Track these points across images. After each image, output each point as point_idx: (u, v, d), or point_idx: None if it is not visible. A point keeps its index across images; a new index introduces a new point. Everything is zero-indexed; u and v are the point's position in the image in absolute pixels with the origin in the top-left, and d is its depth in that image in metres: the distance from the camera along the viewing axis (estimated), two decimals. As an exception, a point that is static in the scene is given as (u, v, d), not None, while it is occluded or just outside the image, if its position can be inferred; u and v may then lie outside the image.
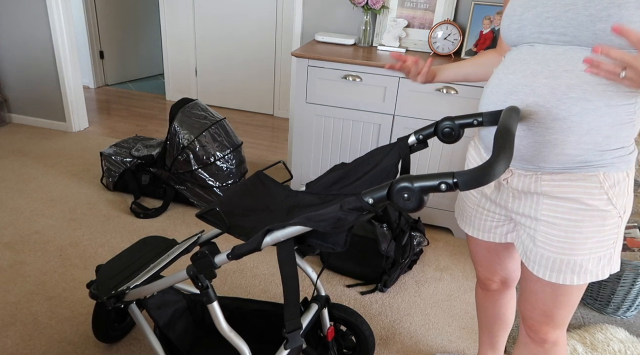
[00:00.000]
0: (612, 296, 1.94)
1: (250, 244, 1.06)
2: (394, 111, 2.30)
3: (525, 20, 1.00)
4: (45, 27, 3.25)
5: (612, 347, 1.76)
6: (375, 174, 1.21)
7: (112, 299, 1.34)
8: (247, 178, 1.37)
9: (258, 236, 1.04)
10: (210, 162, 2.48)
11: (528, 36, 1.00)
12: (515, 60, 1.03)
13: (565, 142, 0.96)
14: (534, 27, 0.98)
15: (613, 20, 0.87)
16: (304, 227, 0.98)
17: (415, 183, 0.79)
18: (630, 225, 2.02)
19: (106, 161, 2.68)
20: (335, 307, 1.52)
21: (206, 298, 1.16)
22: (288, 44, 3.92)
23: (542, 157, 1.00)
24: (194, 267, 1.14)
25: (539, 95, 0.96)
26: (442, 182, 0.78)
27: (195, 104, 2.61)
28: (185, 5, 4.05)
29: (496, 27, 2.43)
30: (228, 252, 1.11)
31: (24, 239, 2.25)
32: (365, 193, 0.85)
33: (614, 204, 1.00)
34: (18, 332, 1.72)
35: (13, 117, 3.65)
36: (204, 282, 1.14)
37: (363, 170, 1.23)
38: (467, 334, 1.86)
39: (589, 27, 0.90)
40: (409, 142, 1.19)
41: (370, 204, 0.84)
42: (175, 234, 2.37)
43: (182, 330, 1.50)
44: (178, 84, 4.39)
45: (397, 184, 0.80)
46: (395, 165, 1.19)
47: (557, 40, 0.96)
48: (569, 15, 0.92)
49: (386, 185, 0.82)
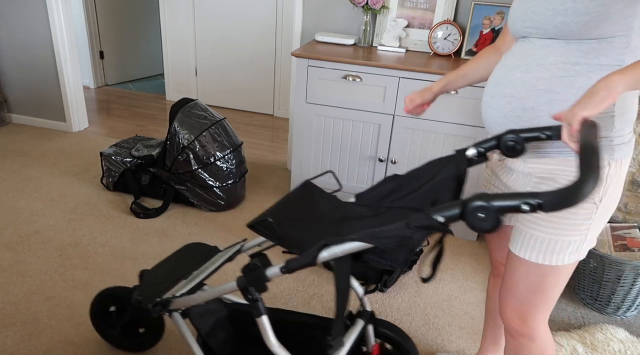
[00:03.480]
0: (612, 296, 1.94)
1: (305, 258, 1.00)
2: (394, 111, 2.30)
3: (516, 16, 1.08)
4: (45, 27, 3.25)
5: (612, 347, 1.76)
6: (430, 187, 1.15)
7: (157, 306, 1.31)
8: (295, 187, 1.32)
9: (313, 250, 0.99)
10: (210, 162, 2.48)
11: (519, 31, 1.08)
12: (507, 54, 1.13)
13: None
14: (521, 22, 1.07)
15: (570, 13, 0.95)
16: (365, 244, 0.92)
17: (493, 202, 0.74)
18: (630, 225, 2.02)
19: (106, 161, 2.68)
20: (381, 324, 1.45)
21: (256, 311, 1.11)
22: (288, 44, 3.92)
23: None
24: (245, 279, 1.09)
25: (513, 87, 1.06)
26: (525, 203, 0.72)
27: (195, 104, 2.61)
28: (185, 5, 4.05)
29: (496, 27, 2.43)
30: (282, 266, 1.05)
31: (24, 239, 2.25)
32: (435, 210, 0.80)
33: None
34: (18, 332, 1.72)
35: (13, 117, 3.65)
36: (254, 295, 1.09)
37: (417, 183, 1.18)
38: (467, 334, 1.86)
39: (551, 20, 0.98)
40: (468, 154, 1.12)
41: (440, 222, 0.80)
42: (175, 234, 2.37)
43: (223, 340, 1.47)
44: (178, 84, 4.39)
45: (473, 202, 0.75)
46: (453, 179, 1.12)
47: (536, 33, 1.03)
48: (540, 10, 1.01)
49: (459, 203, 0.78)
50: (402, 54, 2.46)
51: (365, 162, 2.45)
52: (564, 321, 1.94)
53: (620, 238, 1.99)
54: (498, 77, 1.11)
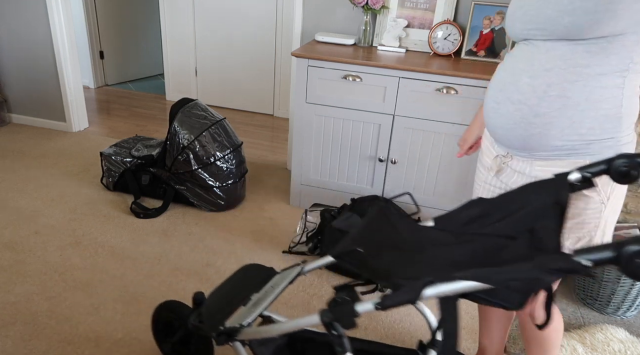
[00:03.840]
0: (612, 296, 1.94)
1: (405, 295, 0.89)
2: (394, 111, 2.30)
3: (515, 20, 1.07)
4: (45, 27, 3.25)
5: (612, 347, 1.76)
6: (525, 214, 1.02)
7: (222, 336, 1.22)
8: (371, 210, 1.21)
9: (417, 287, 0.88)
10: (210, 162, 2.48)
11: (520, 33, 1.07)
12: (509, 58, 1.12)
13: (549, 136, 1.04)
14: (522, 24, 1.05)
15: (579, 12, 0.93)
16: (480, 284, 0.81)
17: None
18: (630, 225, 2.02)
19: (106, 161, 2.68)
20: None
21: (340, 348, 1.00)
22: (288, 44, 3.92)
23: (530, 147, 1.09)
24: (331, 314, 0.98)
25: (522, 93, 1.05)
26: None
27: (195, 104, 2.61)
28: (185, 5, 4.05)
29: (496, 27, 2.43)
30: (377, 302, 0.93)
31: (24, 239, 2.25)
32: (579, 252, 0.71)
33: (598, 190, 1.04)
34: (18, 332, 1.72)
35: (13, 117, 3.65)
36: (339, 331, 0.99)
37: (509, 209, 1.06)
38: (467, 334, 1.86)
39: (560, 21, 0.96)
40: (571, 179, 1.00)
41: (586, 266, 0.70)
42: (175, 234, 2.37)
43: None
44: (178, 84, 4.39)
45: (632, 246, 0.66)
46: (554, 206, 0.99)
47: (540, 35, 1.02)
48: (545, 12, 0.99)
49: (612, 245, 0.68)
50: (402, 54, 2.46)
51: (365, 162, 2.45)
52: (564, 321, 1.94)
53: (620, 238, 1.99)
54: (504, 82, 1.10)
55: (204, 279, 2.05)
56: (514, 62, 1.08)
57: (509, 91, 1.07)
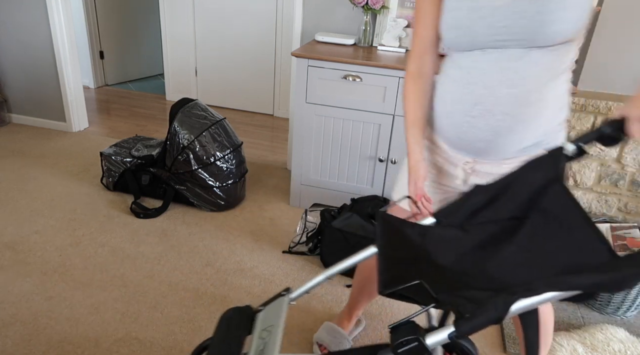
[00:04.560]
0: (612, 296, 1.93)
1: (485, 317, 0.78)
2: (394, 111, 2.30)
3: (478, 31, 1.04)
4: (45, 27, 3.25)
5: (612, 347, 1.76)
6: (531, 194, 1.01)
7: None
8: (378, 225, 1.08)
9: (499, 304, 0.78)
10: (210, 162, 2.48)
11: (481, 43, 1.05)
12: (472, 69, 1.08)
13: (526, 138, 1.10)
14: (487, 36, 1.03)
15: (561, 21, 0.97)
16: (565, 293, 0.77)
17: None
18: (630, 225, 2.02)
19: (106, 161, 2.68)
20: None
21: None
22: (288, 44, 3.92)
23: (503, 151, 1.12)
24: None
25: (504, 104, 1.05)
26: None
27: (195, 104, 2.61)
28: (185, 5, 4.05)
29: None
30: (452, 332, 0.81)
31: (24, 239, 2.25)
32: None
33: None
34: (18, 332, 1.72)
35: (13, 117, 3.65)
36: None
37: (514, 192, 1.02)
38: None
39: (539, 31, 0.98)
40: (568, 151, 1.01)
41: None
42: (175, 234, 2.37)
43: None
44: (178, 84, 4.39)
45: None
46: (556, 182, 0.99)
47: (516, 44, 1.01)
48: (522, 23, 0.98)
49: None
50: (402, 54, 2.46)
51: (365, 162, 2.45)
52: (564, 321, 1.94)
53: (620, 238, 1.99)
54: (477, 95, 1.07)
55: (204, 279, 2.05)
56: (483, 74, 1.06)
57: (488, 104, 1.07)
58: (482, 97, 1.07)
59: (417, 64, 1.20)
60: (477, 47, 1.06)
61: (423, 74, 1.21)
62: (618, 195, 2.07)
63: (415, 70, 1.20)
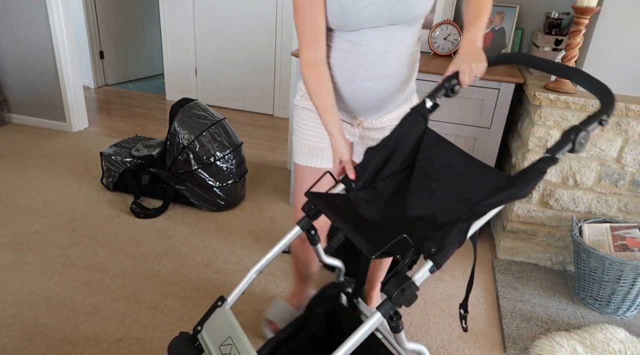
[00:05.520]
0: (612, 296, 1.94)
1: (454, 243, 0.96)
2: (394, 111, 2.30)
3: (364, 18, 1.20)
4: (45, 27, 3.25)
5: (612, 347, 1.76)
6: (414, 145, 1.24)
7: None
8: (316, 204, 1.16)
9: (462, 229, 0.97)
10: (210, 162, 2.48)
11: (366, 25, 1.22)
12: (364, 42, 1.25)
13: (404, 94, 1.39)
14: (372, 20, 1.21)
15: (423, 3, 1.21)
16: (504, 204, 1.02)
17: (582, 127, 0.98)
18: (630, 225, 2.02)
19: (106, 161, 2.68)
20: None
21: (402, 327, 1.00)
22: (288, 43, 3.92)
23: (389, 106, 1.38)
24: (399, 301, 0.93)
25: (393, 68, 1.29)
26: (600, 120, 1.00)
27: (195, 104, 2.61)
28: (185, 5, 4.05)
29: (496, 27, 2.43)
30: (431, 266, 0.96)
31: (24, 239, 2.25)
32: (550, 150, 0.99)
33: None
34: (18, 332, 1.72)
35: (13, 117, 3.65)
36: (399, 312, 0.96)
37: (402, 147, 1.22)
38: (467, 334, 1.86)
39: (414, 12, 1.22)
40: (428, 106, 1.25)
41: (558, 158, 0.99)
42: (175, 234, 2.37)
43: None
44: (178, 84, 4.39)
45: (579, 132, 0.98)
46: (426, 129, 1.25)
47: (392, 22, 1.23)
48: (398, 7, 1.19)
49: (566, 134, 0.98)
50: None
51: (365, 162, 2.45)
52: (564, 321, 1.94)
53: (620, 238, 1.99)
54: (372, 62, 1.26)
55: (203, 279, 2.05)
56: (372, 45, 1.24)
57: (381, 69, 1.27)
58: (375, 64, 1.26)
59: (313, 51, 1.25)
60: (363, 27, 1.23)
61: (319, 59, 1.26)
62: (618, 195, 2.07)
63: (312, 58, 1.26)
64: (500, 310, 1.98)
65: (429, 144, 1.24)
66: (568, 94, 1.95)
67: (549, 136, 2.04)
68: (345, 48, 1.27)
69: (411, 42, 1.30)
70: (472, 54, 1.19)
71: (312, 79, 1.27)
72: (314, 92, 1.28)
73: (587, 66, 2.00)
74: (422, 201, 1.19)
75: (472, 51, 1.19)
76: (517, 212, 2.22)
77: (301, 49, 1.26)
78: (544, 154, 1.00)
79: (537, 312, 1.98)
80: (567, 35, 2.06)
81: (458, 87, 1.22)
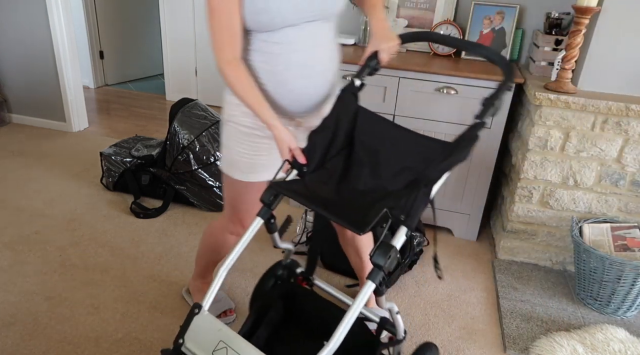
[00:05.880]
0: (612, 296, 1.93)
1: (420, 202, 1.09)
2: (394, 111, 2.30)
3: (286, 13, 1.22)
4: (45, 27, 3.25)
5: (612, 347, 1.76)
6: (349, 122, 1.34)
7: None
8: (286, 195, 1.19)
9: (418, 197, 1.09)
10: (210, 162, 2.48)
11: (290, 22, 1.25)
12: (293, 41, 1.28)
13: (336, 86, 1.43)
14: (294, 16, 1.24)
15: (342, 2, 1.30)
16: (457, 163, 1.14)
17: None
18: (630, 225, 2.02)
19: (106, 161, 2.68)
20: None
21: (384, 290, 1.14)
22: (288, 44, 3.91)
23: (322, 103, 1.41)
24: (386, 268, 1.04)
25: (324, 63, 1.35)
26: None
27: (195, 104, 2.61)
28: (185, 5, 4.05)
29: (496, 27, 2.43)
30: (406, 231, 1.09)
31: (24, 239, 2.25)
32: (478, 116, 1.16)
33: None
34: (18, 332, 1.72)
35: (13, 117, 3.65)
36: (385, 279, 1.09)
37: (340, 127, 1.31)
38: (467, 334, 1.86)
39: (333, 8, 1.29)
40: (357, 85, 1.35)
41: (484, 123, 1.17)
42: (175, 234, 2.37)
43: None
44: (178, 84, 4.39)
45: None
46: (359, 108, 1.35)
47: (314, 19, 1.27)
48: (317, 3, 1.25)
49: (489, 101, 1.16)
50: (403, 54, 2.46)
51: (365, 162, 2.45)
52: (564, 321, 1.94)
53: (620, 238, 1.99)
54: (303, 58, 1.29)
55: (204, 279, 2.06)
56: (303, 44, 1.29)
57: (312, 65, 1.32)
58: (307, 59, 1.31)
59: (230, 50, 1.26)
60: (286, 25, 1.25)
61: (237, 58, 1.27)
62: (618, 195, 2.07)
63: (232, 57, 1.26)
64: (500, 310, 1.98)
65: (364, 120, 1.33)
66: (568, 94, 1.95)
67: (549, 136, 2.04)
68: (273, 50, 1.28)
69: (333, 37, 1.37)
70: (385, 34, 1.33)
71: (235, 74, 1.26)
72: (241, 87, 1.27)
73: (587, 66, 2.00)
74: (369, 174, 1.28)
75: (385, 31, 1.33)
76: (517, 212, 2.22)
77: (218, 48, 1.25)
78: (473, 120, 1.15)
79: (537, 312, 1.98)
80: (567, 35, 2.06)
81: (379, 65, 1.36)
